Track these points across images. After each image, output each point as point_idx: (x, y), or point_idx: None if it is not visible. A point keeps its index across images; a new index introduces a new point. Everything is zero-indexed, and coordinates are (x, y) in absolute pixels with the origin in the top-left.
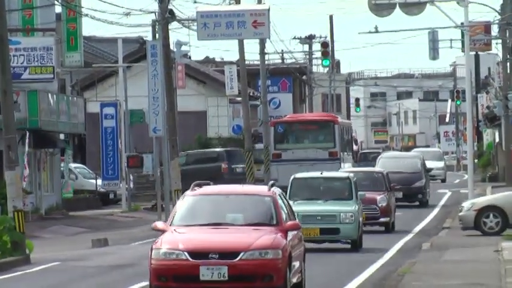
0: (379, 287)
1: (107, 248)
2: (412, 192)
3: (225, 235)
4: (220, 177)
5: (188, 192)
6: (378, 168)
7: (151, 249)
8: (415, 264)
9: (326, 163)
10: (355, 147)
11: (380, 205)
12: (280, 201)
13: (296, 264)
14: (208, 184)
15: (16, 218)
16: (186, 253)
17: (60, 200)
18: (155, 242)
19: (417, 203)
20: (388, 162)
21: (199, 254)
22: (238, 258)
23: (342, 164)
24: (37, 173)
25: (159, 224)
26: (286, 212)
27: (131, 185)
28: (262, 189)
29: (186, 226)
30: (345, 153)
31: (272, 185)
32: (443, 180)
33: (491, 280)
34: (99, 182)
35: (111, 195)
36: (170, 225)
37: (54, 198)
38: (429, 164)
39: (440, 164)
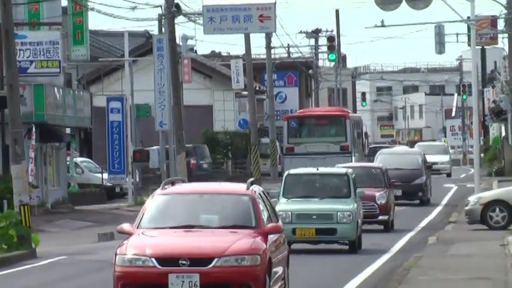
0: (385, 281)
1: (113, 242)
2: (412, 189)
3: (198, 239)
4: (188, 172)
5: (158, 191)
6: (376, 163)
7: (115, 255)
8: (421, 258)
9: (338, 156)
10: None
11: (379, 202)
12: (260, 201)
13: (278, 270)
14: (182, 181)
15: (22, 212)
16: (153, 259)
17: (66, 194)
18: (120, 246)
19: (417, 202)
20: (387, 158)
21: (168, 261)
22: (211, 265)
23: (353, 158)
24: (43, 167)
25: (125, 226)
26: (267, 213)
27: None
28: (240, 187)
29: (154, 229)
30: (355, 147)
31: (251, 183)
32: (449, 175)
33: (497, 274)
34: (105, 176)
35: (117, 189)
36: (137, 227)
37: (60, 193)
38: (434, 158)
39: (446, 158)
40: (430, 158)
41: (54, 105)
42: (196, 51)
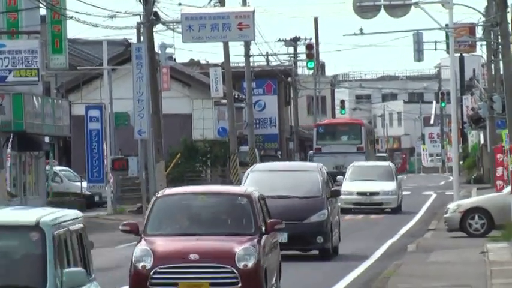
0: None
1: (92, 251)
2: (305, 232)
3: None
4: None
5: None
6: (242, 187)
7: None
8: (400, 266)
9: (355, 155)
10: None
11: (241, 265)
12: None
13: None
14: None
15: None
16: None
17: (45, 203)
18: None
19: (316, 252)
20: (262, 178)
21: None
22: None
23: (366, 156)
24: (22, 176)
25: None
26: None
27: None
28: None
29: None
30: (368, 149)
31: None
32: (396, 210)
33: (477, 282)
34: (84, 184)
35: (96, 198)
36: None
37: (39, 202)
38: (374, 185)
39: (391, 185)
40: (368, 186)
41: (33, 113)
42: (175, 60)
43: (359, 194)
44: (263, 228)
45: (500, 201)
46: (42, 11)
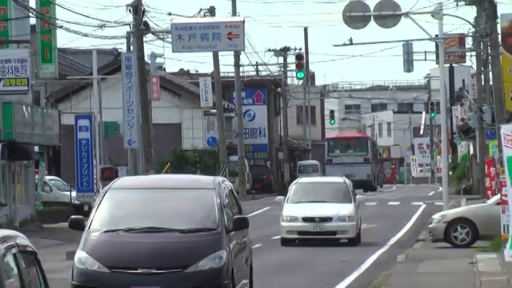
0: None
1: None
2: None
3: None
4: None
5: None
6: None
7: None
8: (390, 276)
9: (362, 165)
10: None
11: None
12: None
13: None
14: None
15: None
16: None
17: (34, 212)
18: None
19: None
20: (125, 200)
21: None
22: None
23: (371, 166)
24: (11, 185)
25: None
26: None
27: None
28: None
29: None
30: (373, 160)
31: None
32: (355, 241)
33: None
34: (74, 194)
35: (86, 208)
36: None
37: (29, 211)
38: (326, 209)
39: (347, 208)
40: (318, 210)
41: (23, 123)
42: (164, 69)
43: (305, 220)
44: None
45: (485, 212)
46: (32, 21)
